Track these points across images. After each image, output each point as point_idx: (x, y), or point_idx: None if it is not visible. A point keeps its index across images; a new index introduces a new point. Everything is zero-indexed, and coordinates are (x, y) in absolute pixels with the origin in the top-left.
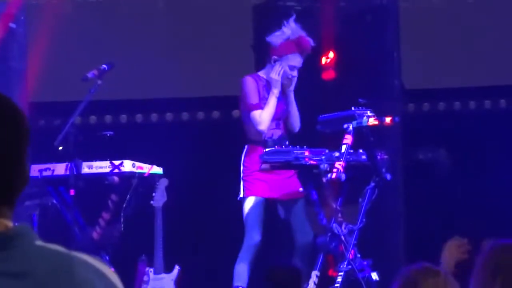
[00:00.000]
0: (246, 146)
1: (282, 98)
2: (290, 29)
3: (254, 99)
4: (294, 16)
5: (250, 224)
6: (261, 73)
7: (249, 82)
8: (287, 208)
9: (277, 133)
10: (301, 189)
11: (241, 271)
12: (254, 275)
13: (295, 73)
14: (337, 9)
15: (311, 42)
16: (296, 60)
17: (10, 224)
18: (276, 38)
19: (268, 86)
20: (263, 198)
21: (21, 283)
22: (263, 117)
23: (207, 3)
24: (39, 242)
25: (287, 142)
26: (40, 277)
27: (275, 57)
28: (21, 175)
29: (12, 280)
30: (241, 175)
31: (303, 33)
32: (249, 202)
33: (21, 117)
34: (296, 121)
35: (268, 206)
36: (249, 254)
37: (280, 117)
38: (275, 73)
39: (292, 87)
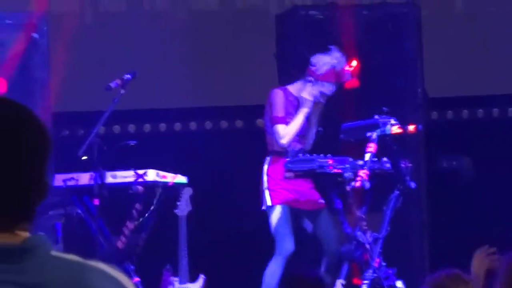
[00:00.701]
0: (268, 157)
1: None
2: (336, 59)
3: (280, 112)
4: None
5: (282, 233)
6: (291, 88)
7: (278, 95)
8: (312, 218)
9: (297, 146)
10: (321, 200)
11: (272, 282)
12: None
13: (323, 99)
14: (359, 17)
15: (347, 73)
16: (329, 89)
17: (27, 235)
18: (321, 62)
19: (295, 102)
20: (290, 206)
21: None
22: (287, 132)
23: (230, 13)
24: (54, 253)
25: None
26: None
27: (311, 78)
28: (40, 190)
29: None
30: (266, 185)
31: (346, 65)
32: (277, 211)
33: (43, 130)
34: (312, 140)
35: (293, 216)
36: (281, 264)
37: (303, 133)
38: (308, 93)
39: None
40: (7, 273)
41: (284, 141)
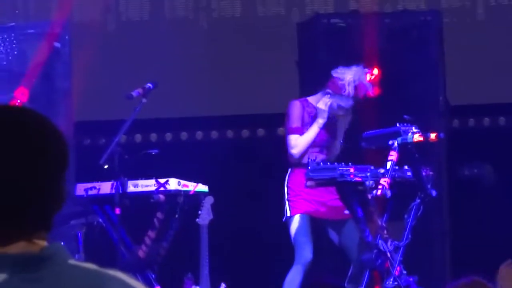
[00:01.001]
0: (289, 169)
1: (329, 126)
2: (356, 74)
3: (295, 123)
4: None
5: (300, 242)
6: (311, 99)
7: (295, 107)
8: (338, 228)
9: (320, 157)
10: (346, 211)
11: None
12: None
13: (340, 112)
14: (381, 25)
15: (368, 87)
16: (347, 102)
17: (44, 244)
18: (341, 76)
19: (314, 112)
20: (309, 216)
21: None
22: (299, 142)
23: (252, 21)
24: (72, 261)
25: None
26: None
27: (329, 91)
28: (58, 198)
29: None
30: (286, 196)
31: (365, 80)
32: (296, 221)
33: (61, 138)
34: (337, 151)
35: (315, 226)
36: (300, 273)
37: (325, 144)
38: (323, 104)
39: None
40: (25, 282)
41: (295, 151)
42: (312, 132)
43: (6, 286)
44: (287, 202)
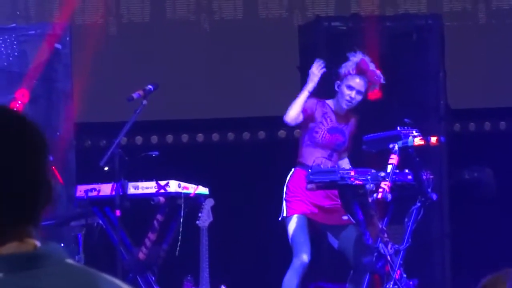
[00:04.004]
0: (293, 169)
1: (341, 130)
2: (355, 56)
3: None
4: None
5: (297, 243)
6: (329, 102)
7: (309, 100)
8: (336, 233)
9: (327, 164)
10: (345, 217)
11: None
12: None
13: (353, 94)
14: (382, 29)
15: (375, 71)
16: (354, 81)
17: (36, 243)
18: (346, 63)
19: (331, 115)
20: (306, 217)
21: None
22: (291, 107)
23: (253, 24)
24: (69, 261)
25: None
26: None
27: (338, 82)
28: (44, 191)
29: None
30: (284, 195)
31: (367, 60)
32: (294, 221)
33: (40, 134)
34: (345, 154)
35: (314, 229)
36: (297, 273)
37: (336, 148)
38: (315, 68)
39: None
40: (22, 280)
41: (286, 116)
42: (303, 96)
43: (3, 285)
44: (284, 202)
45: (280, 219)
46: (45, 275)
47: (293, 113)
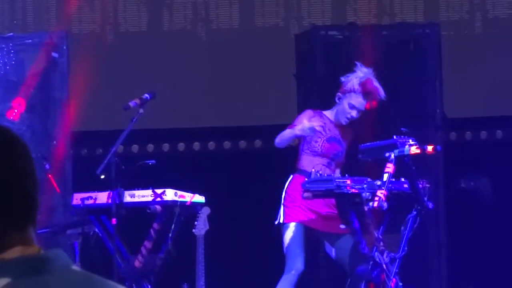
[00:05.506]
0: (291, 176)
1: (340, 140)
2: (362, 71)
3: (296, 121)
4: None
5: (293, 252)
6: (327, 112)
7: (305, 112)
8: (333, 242)
9: (326, 171)
10: (342, 226)
11: None
12: None
13: (354, 113)
14: (379, 37)
15: (379, 90)
16: (357, 100)
17: (39, 248)
18: (347, 77)
19: (329, 125)
20: (304, 225)
21: None
22: (282, 133)
23: (250, 33)
24: (75, 267)
25: None
26: None
27: (339, 94)
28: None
29: None
30: (283, 201)
31: (373, 78)
32: (291, 230)
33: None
34: (343, 162)
35: (311, 237)
36: (290, 284)
37: (334, 158)
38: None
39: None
40: (32, 286)
41: (276, 142)
42: (289, 132)
43: None
44: (282, 207)
45: (276, 223)
46: (53, 281)
47: (281, 145)
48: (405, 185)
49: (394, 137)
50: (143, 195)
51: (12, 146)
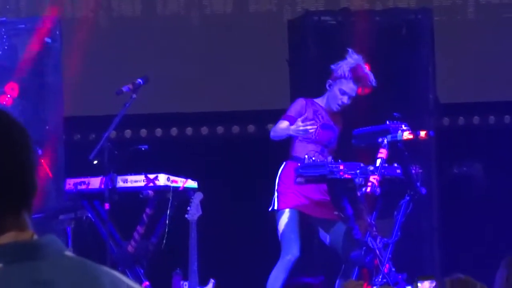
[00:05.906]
0: (285, 162)
1: (333, 127)
2: (352, 58)
3: (290, 112)
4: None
5: (288, 238)
6: (318, 100)
7: (298, 101)
8: (326, 227)
9: (319, 158)
10: (336, 212)
11: (275, 286)
12: None
13: (345, 99)
14: (372, 23)
15: (369, 76)
16: (348, 86)
17: (33, 233)
18: (339, 64)
19: (322, 112)
20: (298, 210)
21: None
22: (277, 127)
23: (243, 18)
24: (68, 253)
25: None
26: (65, 287)
27: (330, 81)
28: (34, 179)
29: None
30: (276, 187)
31: (363, 65)
32: (285, 216)
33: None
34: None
35: (305, 223)
36: (285, 269)
37: (327, 145)
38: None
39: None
40: (23, 270)
41: (272, 133)
42: (283, 130)
43: (4, 276)
44: (276, 193)
45: (270, 209)
46: (46, 267)
47: (275, 139)
48: (398, 171)
49: (387, 122)
50: (136, 180)
51: (9, 130)
